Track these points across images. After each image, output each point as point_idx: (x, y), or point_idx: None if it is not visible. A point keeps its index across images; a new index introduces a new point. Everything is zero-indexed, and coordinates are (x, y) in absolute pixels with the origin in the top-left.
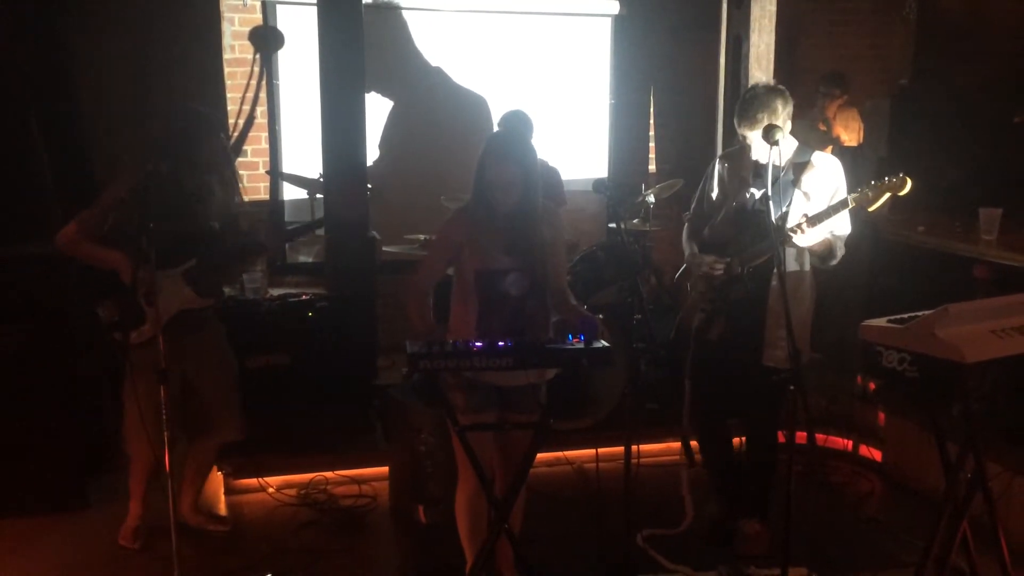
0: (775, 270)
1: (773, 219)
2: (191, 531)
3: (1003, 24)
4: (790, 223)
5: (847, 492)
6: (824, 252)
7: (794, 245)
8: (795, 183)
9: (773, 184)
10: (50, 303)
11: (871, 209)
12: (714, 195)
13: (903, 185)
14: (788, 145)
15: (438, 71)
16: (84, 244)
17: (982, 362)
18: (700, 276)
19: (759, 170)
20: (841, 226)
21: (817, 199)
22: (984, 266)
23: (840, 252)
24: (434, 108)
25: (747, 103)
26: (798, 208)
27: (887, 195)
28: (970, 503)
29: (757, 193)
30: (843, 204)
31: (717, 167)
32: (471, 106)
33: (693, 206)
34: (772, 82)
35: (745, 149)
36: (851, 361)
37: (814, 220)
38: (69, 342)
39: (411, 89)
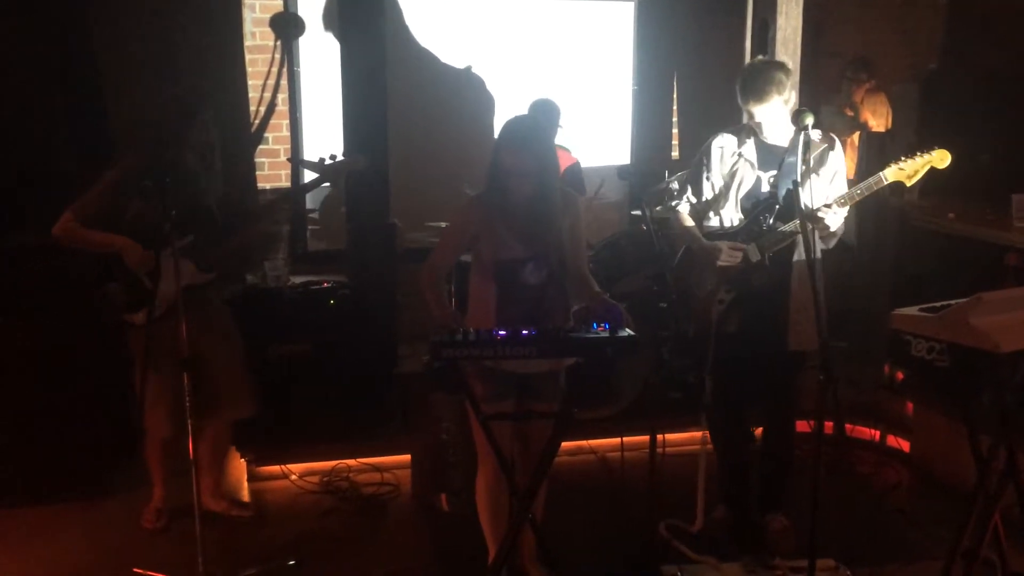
0: (796, 254)
1: (803, 202)
2: (214, 517)
3: None
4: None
5: (874, 483)
6: (831, 234)
7: (826, 227)
8: (805, 163)
9: (781, 167)
10: (77, 290)
11: (910, 183)
12: (714, 180)
13: (943, 158)
14: (790, 125)
15: (427, 53)
16: (82, 231)
17: (1015, 352)
18: (712, 266)
19: (767, 151)
20: None
21: (823, 178)
22: (1016, 254)
23: (840, 232)
24: (426, 90)
25: (751, 77)
26: (813, 189)
27: (927, 168)
28: (1002, 495)
29: (765, 176)
30: (877, 181)
31: (714, 150)
32: (466, 86)
33: (689, 192)
34: (767, 57)
35: (744, 130)
36: (878, 350)
37: (846, 199)
38: (94, 330)
39: (403, 72)
